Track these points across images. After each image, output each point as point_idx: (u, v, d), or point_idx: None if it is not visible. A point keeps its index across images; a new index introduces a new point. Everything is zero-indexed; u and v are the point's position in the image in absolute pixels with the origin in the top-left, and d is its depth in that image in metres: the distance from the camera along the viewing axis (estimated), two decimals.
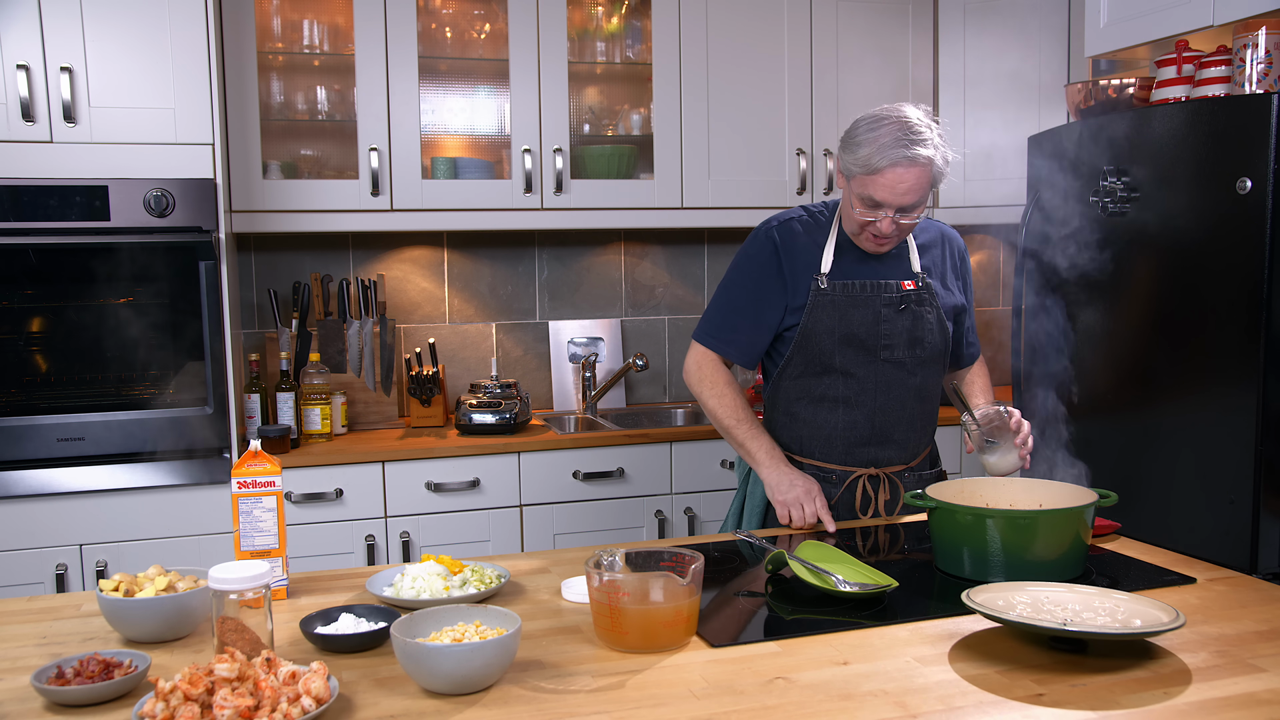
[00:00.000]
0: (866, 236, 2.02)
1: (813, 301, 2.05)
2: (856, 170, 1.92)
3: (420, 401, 3.25)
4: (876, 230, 1.97)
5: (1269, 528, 2.19)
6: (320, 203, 3.07)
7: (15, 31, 2.60)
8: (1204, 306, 2.30)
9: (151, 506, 2.73)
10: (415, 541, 2.95)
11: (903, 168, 1.87)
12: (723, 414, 2.11)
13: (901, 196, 1.90)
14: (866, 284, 2.05)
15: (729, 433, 2.11)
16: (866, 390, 2.07)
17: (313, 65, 3.26)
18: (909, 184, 1.89)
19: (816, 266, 2.07)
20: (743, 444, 2.09)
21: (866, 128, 1.91)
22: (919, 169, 1.88)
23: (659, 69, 3.32)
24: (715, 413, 2.12)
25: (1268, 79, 2.35)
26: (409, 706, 1.20)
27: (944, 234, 2.20)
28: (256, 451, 1.60)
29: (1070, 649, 1.33)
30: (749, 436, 2.09)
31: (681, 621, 1.37)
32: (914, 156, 1.86)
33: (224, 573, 1.29)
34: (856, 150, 1.92)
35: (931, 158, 1.88)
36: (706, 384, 2.13)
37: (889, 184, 1.89)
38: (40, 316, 2.74)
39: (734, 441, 2.11)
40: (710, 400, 2.12)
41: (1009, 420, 1.97)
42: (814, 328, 2.05)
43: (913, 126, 1.87)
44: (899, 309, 2.05)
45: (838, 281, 2.05)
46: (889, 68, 3.53)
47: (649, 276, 3.76)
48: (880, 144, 1.87)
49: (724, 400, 2.11)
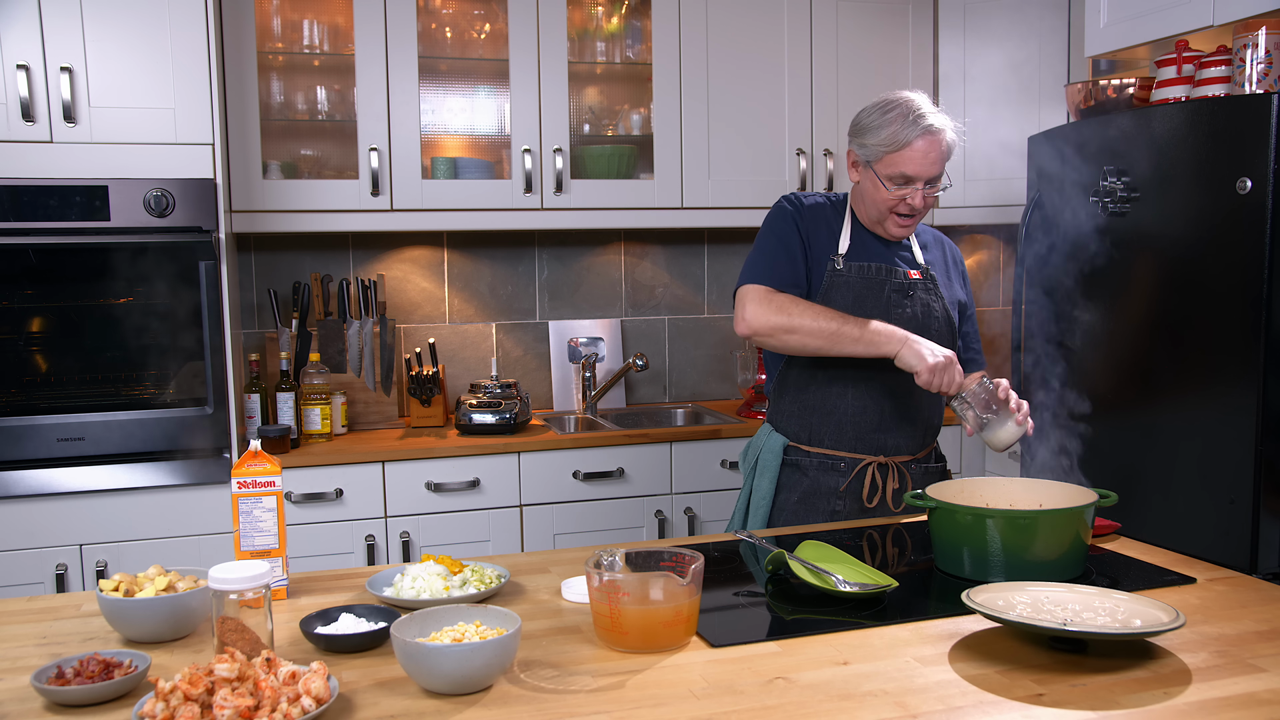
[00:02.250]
0: (892, 220, 2.09)
1: (828, 281, 2.09)
2: (883, 150, 2.02)
3: (420, 401, 3.25)
4: (909, 206, 2.04)
5: (1269, 528, 2.19)
6: (320, 203, 3.07)
7: (15, 31, 2.60)
8: (1204, 306, 2.30)
9: (151, 506, 2.73)
10: (415, 541, 2.95)
11: (930, 136, 2.00)
12: (824, 320, 1.96)
13: (931, 166, 2.01)
14: (881, 267, 2.11)
15: (837, 335, 1.95)
16: (877, 375, 2.09)
17: (313, 65, 3.26)
18: (936, 153, 2.01)
19: (832, 246, 2.12)
20: (859, 337, 1.94)
21: (880, 111, 2.03)
22: (941, 137, 2.02)
23: (659, 69, 3.32)
24: (815, 323, 1.96)
25: (1268, 79, 2.35)
26: (409, 706, 1.20)
27: (940, 238, 2.29)
28: (256, 451, 1.60)
29: (1070, 649, 1.33)
30: (862, 322, 1.95)
31: (681, 621, 1.37)
32: (937, 126, 2.01)
33: (224, 573, 1.29)
34: (879, 132, 2.02)
35: (946, 126, 2.03)
36: (789, 306, 1.98)
37: (918, 155, 2.00)
38: (40, 316, 2.74)
39: (846, 339, 1.95)
40: (803, 318, 1.96)
41: (997, 391, 1.96)
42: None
43: (922, 103, 2.03)
44: (907, 294, 2.11)
45: (853, 263, 2.11)
46: (889, 68, 3.53)
47: (649, 276, 3.76)
48: (902, 121, 2.00)
49: (815, 310, 1.97)
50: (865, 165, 2.07)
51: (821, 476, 2.13)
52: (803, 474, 2.14)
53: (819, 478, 2.13)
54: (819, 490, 2.13)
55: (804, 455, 2.14)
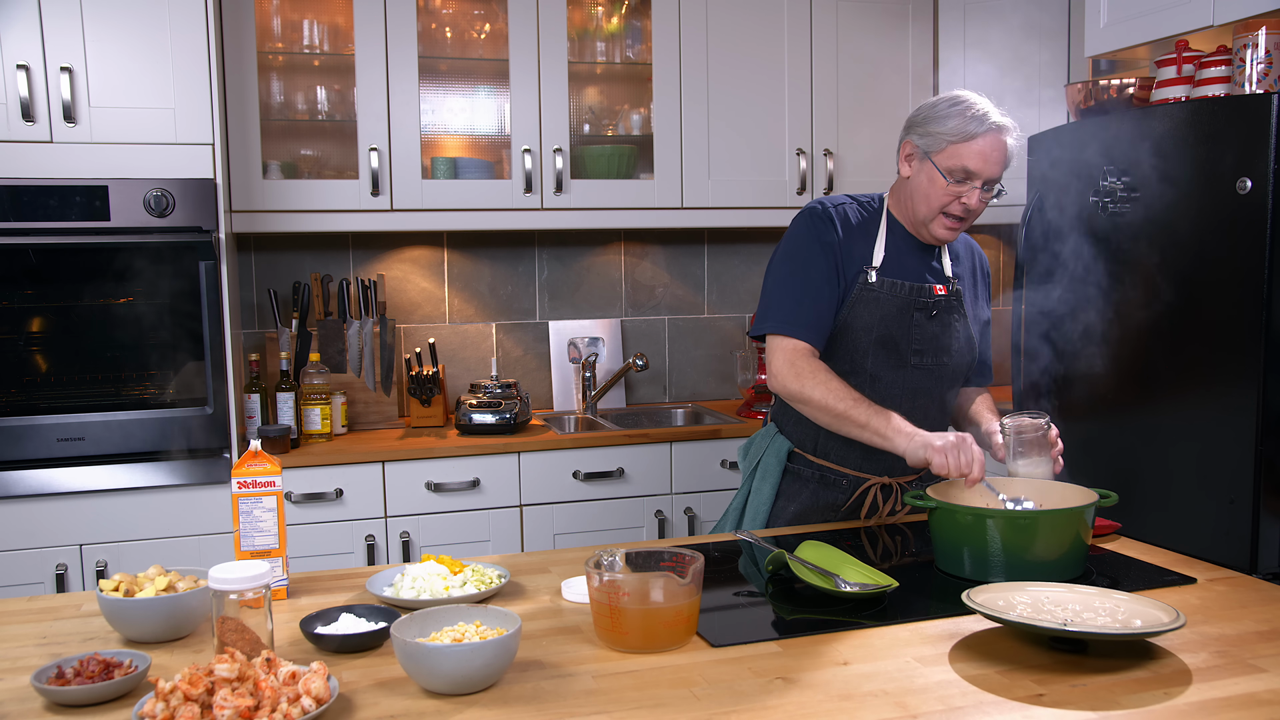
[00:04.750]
0: (940, 221, 2.00)
1: (858, 295, 2.02)
2: (949, 140, 1.94)
3: (420, 401, 3.25)
4: (962, 207, 1.97)
5: (1269, 528, 2.19)
6: (320, 203, 3.07)
7: (15, 31, 2.60)
8: (1204, 306, 2.30)
9: (151, 506, 2.73)
10: (415, 541, 2.95)
11: (997, 134, 1.94)
12: (834, 401, 1.92)
13: (994, 166, 1.95)
14: (909, 285, 2.03)
15: (845, 417, 1.92)
16: (893, 396, 2.02)
17: (313, 65, 3.26)
18: (1000, 153, 1.95)
19: (866, 259, 2.04)
20: (867, 423, 1.90)
21: (948, 104, 1.97)
22: (1006, 140, 1.95)
23: (659, 69, 3.32)
24: (825, 403, 1.93)
25: (1268, 79, 2.35)
26: (409, 706, 1.20)
27: (970, 246, 2.20)
28: (256, 451, 1.60)
29: (1070, 649, 1.33)
30: (874, 413, 1.90)
31: (681, 621, 1.37)
32: (1007, 126, 1.95)
33: (224, 573, 1.29)
34: (945, 122, 1.95)
35: (1013, 129, 1.96)
36: (808, 378, 1.95)
37: (984, 150, 1.93)
38: (40, 316, 2.74)
39: (852, 425, 1.92)
40: (816, 393, 1.93)
41: (1049, 434, 1.88)
42: (853, 324, 2.02)
43: (991, 104, 1.96)
44: (930, 315, 2.04)
45: (886, 279, 2.03)
46: (889, 68, 3.53)
47: (649, 276, 3.76)
48: (973, 114, 1.93)
49: (832, 388, 1.93)
50: (924, 157, 1.98)
51: (822, 491, 2.10)
52: (803, 485, 2.11)
53: (819, 492, 2.10)
54: (817, 505, 2.10)
55: (807, 465, 2.11)
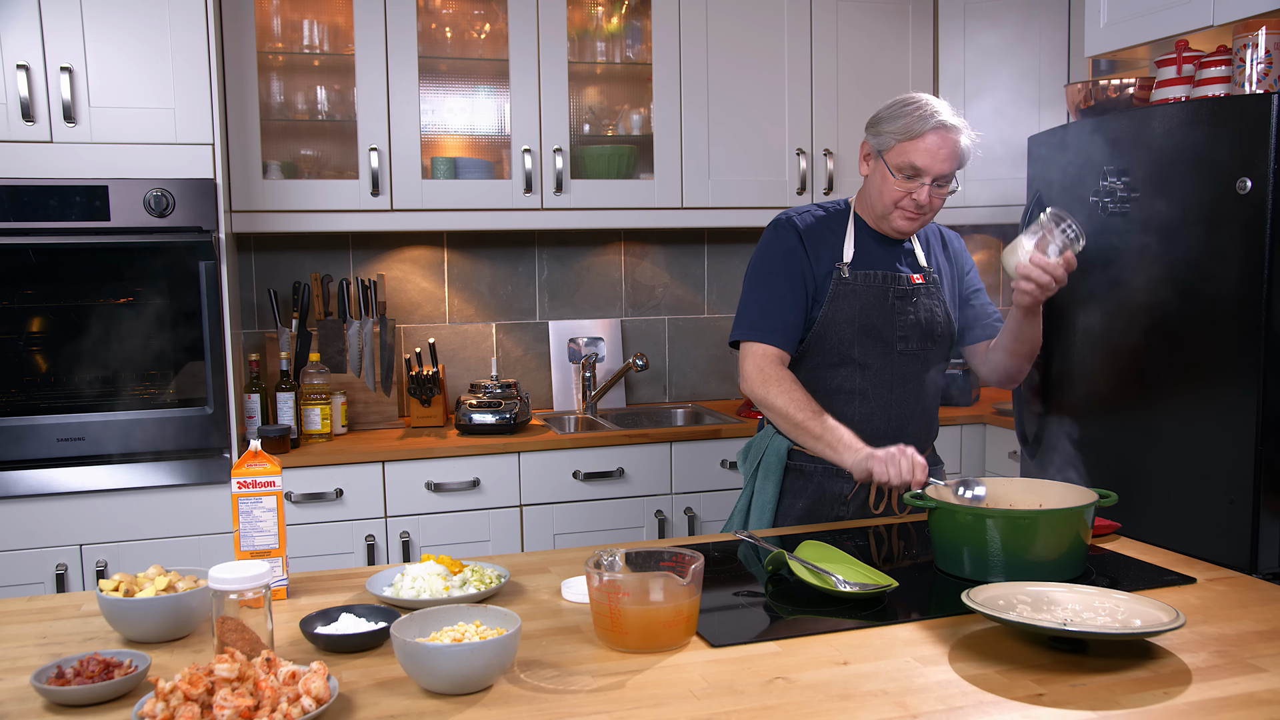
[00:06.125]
0: (898, 214, 2.08)
1: (834, 291, 2.10)
2: (896, 139, 2.04)
3: (420, 401, 3.25)
4: (914, 201, 2.05)
5: (1269, 528, 2.19)
6: (320, 203, 3.07)
7: (15, 31, 2.60)
8: (1204, 306, 2.30)
9: (151, 506, 2.73)
10: (415, 541, 2.95)
11: (943, 132, 2.02)
12: (794, 410, 2.02)
13: (941, 163, 2.02)
14: (884, 275, 2.13)
15: (802, 427, 2.03)
16: (882, 382, 2.11)
17: (313, 65, 3.26)
18: (948, 150, 2.02)
19: (836, 256, 2.13)
20: (820, 435, 2.00)
21: (900, 105, 2.06)
22: (955, 138, 2.03)
23: (659, 69, 3.32)
24: (786, 411, 2.04)
25: (1268, 79, 2.35)
26: (409, 706, 1.20)
27: (939, 231, 2.29)
28: (256, 451, 1.60)
29: (1070, 649, 1.33)
30: (828, 427, 2.01)
31: (681, 621, 1.37)
32: (952, 124, 2.03)
33: (224, 573, 1.29)
34: (895, 121, 2.04)
35: (961, 129, 2.05)
36: (773, 384, 2.06)
37: (930, 148, 2.01)
38: (40, 316, 2.74)
39: (808, 435, 2.03)
40: (779, 400, 2.04)
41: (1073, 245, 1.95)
42: (834, 317, 2.10)
43: (942, 105, 2.05)
44: (910, 300, 2.13)
45: (859, 271, 2.12)
46: (889, 68, 3.53)
47: (649, 276, 3.76)
48: (920, 114, 2.02)
49: (794, 397, 2.04)
50: (877, 156, 2.08)
51: (827, 483, 2.13)
52: (808, 480, 2.14)
53: (825, 484, 2.13)
54: (825, 497, 2.13)
55: (809, 461, 2.13)
